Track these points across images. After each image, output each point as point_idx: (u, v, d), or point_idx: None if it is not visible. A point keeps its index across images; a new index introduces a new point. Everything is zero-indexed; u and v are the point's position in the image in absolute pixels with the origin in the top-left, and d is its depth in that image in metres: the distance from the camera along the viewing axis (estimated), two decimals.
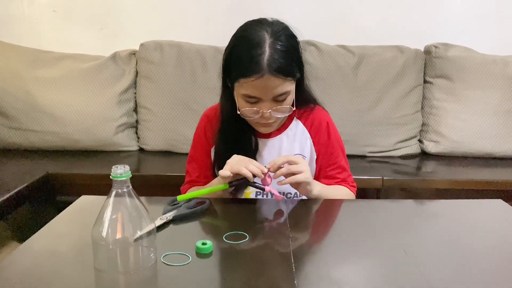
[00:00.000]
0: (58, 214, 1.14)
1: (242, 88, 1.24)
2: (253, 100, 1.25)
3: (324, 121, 1.45)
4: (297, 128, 1.44)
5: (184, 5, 2.64)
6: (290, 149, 1.42)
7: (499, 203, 1.29)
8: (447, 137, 2.42)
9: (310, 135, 1.43)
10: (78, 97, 2.35)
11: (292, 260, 0.91)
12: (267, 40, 1.21)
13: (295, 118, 1.44)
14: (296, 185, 1.25)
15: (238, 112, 1.29)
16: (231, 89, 1.30)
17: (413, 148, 2.50)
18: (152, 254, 0.89)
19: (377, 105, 2.44)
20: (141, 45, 2.48)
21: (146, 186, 1.91)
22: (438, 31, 2.64)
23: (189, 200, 1.20)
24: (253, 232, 1.04)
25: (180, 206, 1.16)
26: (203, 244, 0.94)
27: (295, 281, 0.83)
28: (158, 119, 2.41)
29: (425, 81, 2.54)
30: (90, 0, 2.63)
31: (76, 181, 2.02)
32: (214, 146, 1.42)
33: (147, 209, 0.89)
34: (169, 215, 1.10)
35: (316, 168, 1.45)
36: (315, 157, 1.44)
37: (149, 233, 0.88)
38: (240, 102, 1.28)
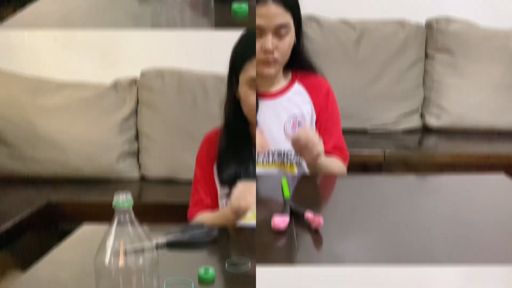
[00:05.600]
0: (60, 242, 1.15)
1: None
2: (257, 31, 1.33)
3: (324, 86, 1.51)
4: (297, 91, 1.48)
5: (185, 31, 2.65)
6: (290, 112, 1.45)
7: (501, 177, 1.28)
8: (449, 111, 2.43)
9: (311, 98, 1.48)
10: (79, 125, 2.36)
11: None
12: None
13: (296, 81, 1.49)
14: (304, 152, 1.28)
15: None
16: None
17: (414, 122, 2.50)
18: (154, 282, 0.89)
19: (378, 79, 2.46)
20: (142, 73, 2.50)
21: (148, 214, 1.89)
22: (440, 4, 2.59)
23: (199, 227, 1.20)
24: (256, 257, 1.04)
25: (186, 232, 1.16)
26: (205, 272, 0.94)
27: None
28: (160, 147, 2.42)
29: (426, 56, 2.54)
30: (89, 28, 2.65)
31: (78, 209, 2.01)
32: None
33: (149, 237, 0.89)
34: (163, 239, 1.11)
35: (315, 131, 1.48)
36: (315, 118, 1.48)
37: (152, 261, 0.88)
38: None
